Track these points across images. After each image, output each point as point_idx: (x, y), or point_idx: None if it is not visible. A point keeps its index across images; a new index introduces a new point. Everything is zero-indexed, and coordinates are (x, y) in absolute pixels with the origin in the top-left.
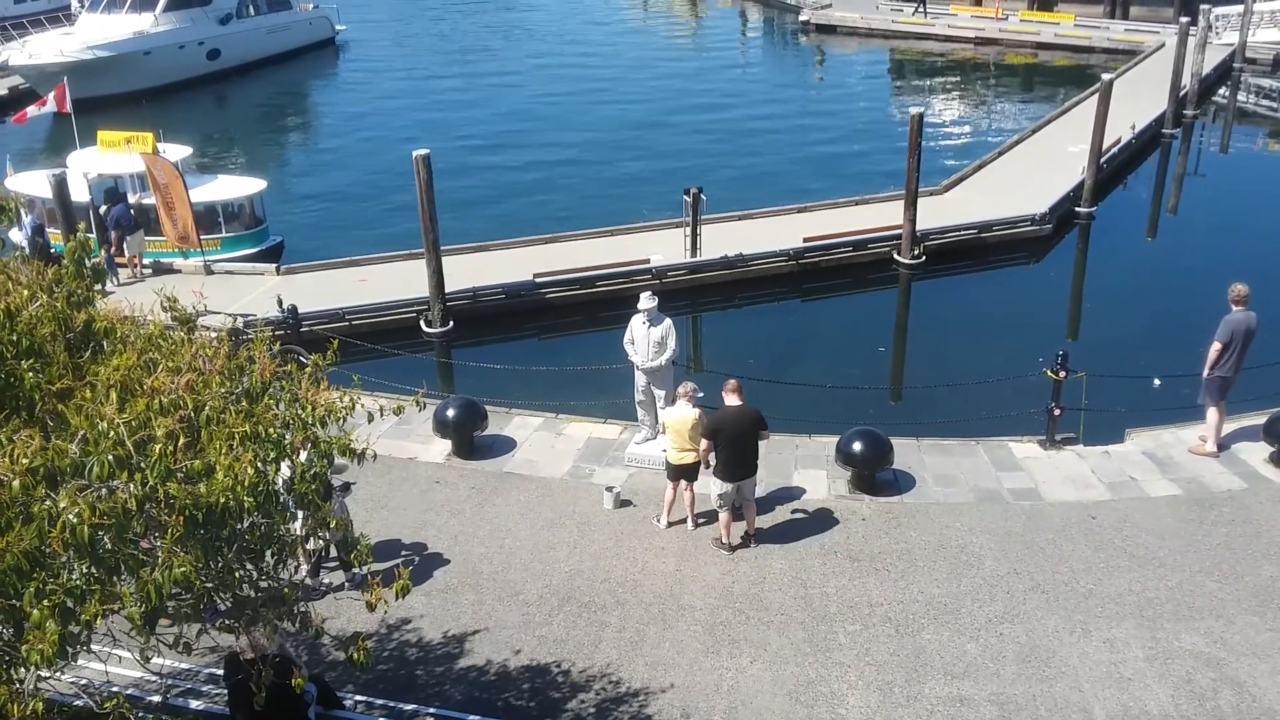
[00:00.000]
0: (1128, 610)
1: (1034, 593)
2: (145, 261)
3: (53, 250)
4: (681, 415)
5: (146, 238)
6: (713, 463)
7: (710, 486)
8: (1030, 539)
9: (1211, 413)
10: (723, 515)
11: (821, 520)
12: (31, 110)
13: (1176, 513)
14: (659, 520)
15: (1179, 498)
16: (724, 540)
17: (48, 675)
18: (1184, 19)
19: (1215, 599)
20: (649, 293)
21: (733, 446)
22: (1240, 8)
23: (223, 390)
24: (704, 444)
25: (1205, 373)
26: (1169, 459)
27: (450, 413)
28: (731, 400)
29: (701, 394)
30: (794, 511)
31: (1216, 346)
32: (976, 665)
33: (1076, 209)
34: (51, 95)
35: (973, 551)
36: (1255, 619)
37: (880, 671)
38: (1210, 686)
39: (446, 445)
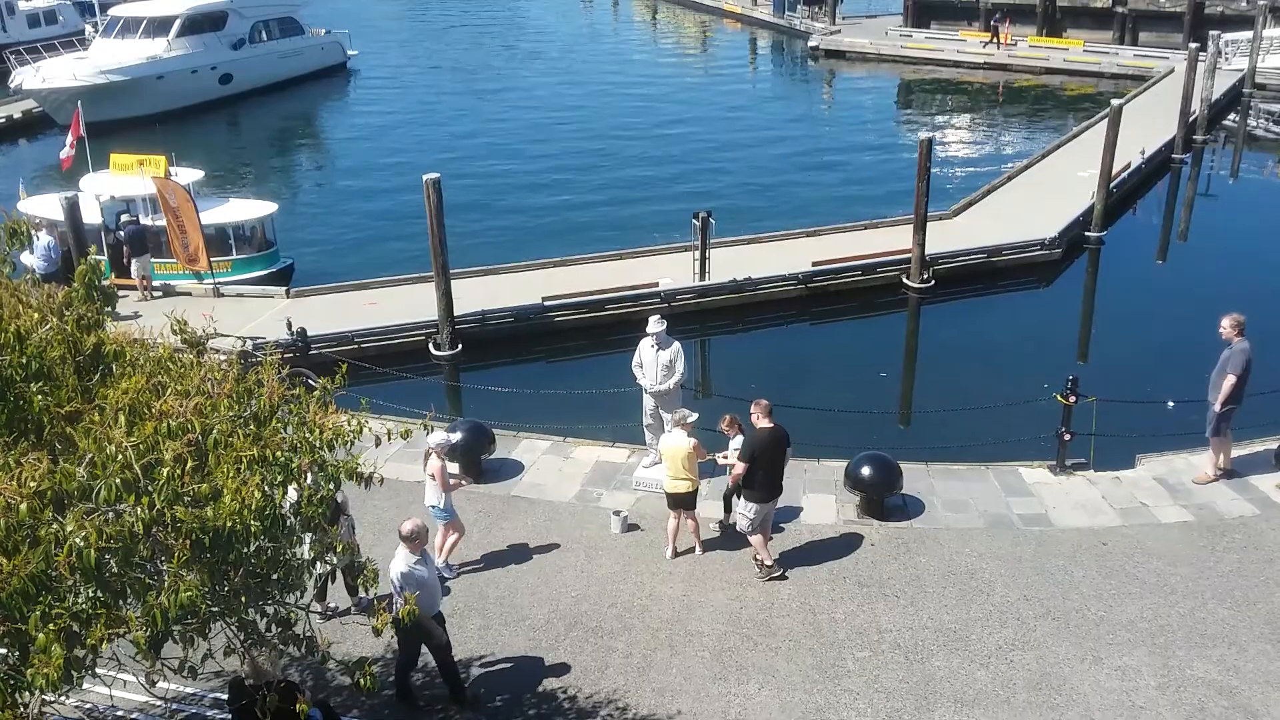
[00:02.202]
0: (1139, 637)
1: (1045, 619)
2: (155, 284)
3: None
4: (676, 443)
5: (158, 260)
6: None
7: (741, 511)
8: (1040, 565)
9: (1217, 441)
10: (755, 540)
11: (830, 545)
12: (65, 152)
13: (1188, 539)
14: (666, 553)
15: (1190, 524)
16: (766, 562)
17: (53, 699)
18: (1193, 45)
19: (1228, 626)
20: (657, 316)
21: (768, 468)
22: (1250, 33)
23: (231, 414)
24: (739, 467)
25: (1218, 406)
26: (1180, 485)
27: (458, 436)
28: (763, 423)
29: (695, 416)
30: (802, 536)
31: (1232, 379)
32: (987, 693)
33: (1086, 234)
34: (69, 138)
35: (983, 577)
36: (1268, 647)
37: (889, 699)
38: (1223, 715)
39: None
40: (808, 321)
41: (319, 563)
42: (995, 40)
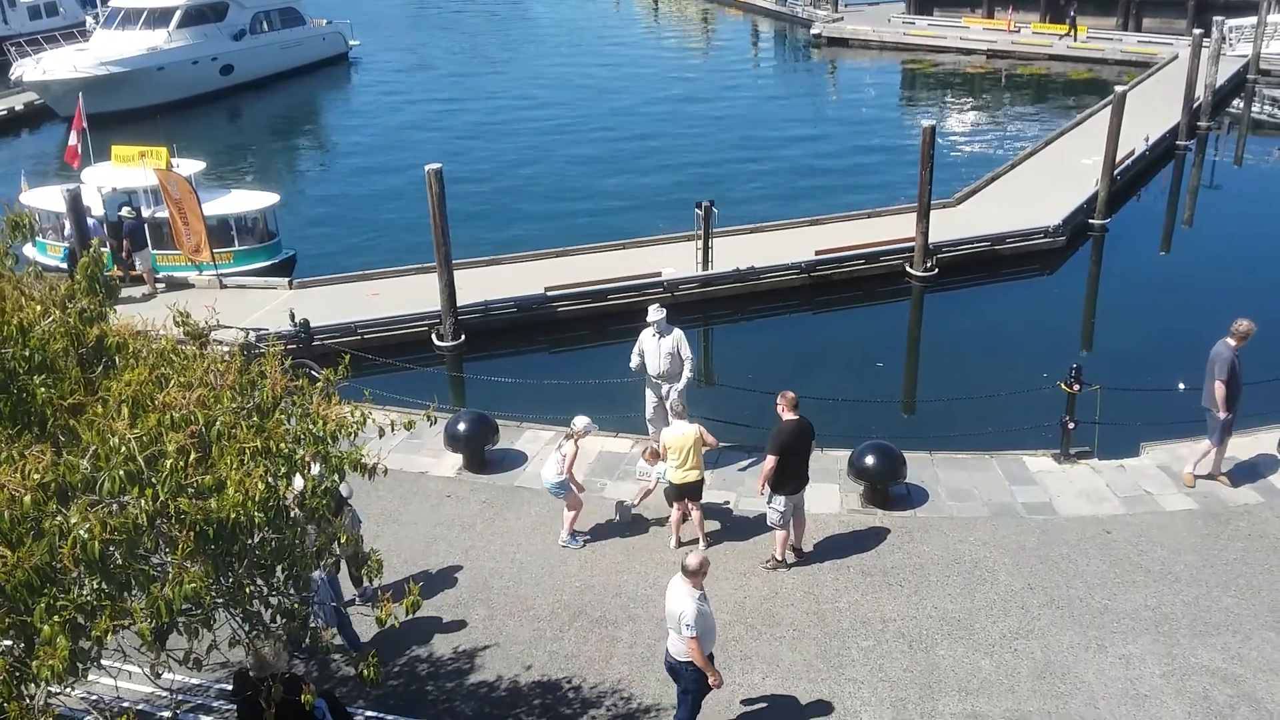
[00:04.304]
0: (1144, 626)
1: (1049, 608)
2: (158, 276)
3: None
4: (682, 432)
5: (160, 251)
6: (768, 490)
7: (771, 505)
8: (1045, 553)
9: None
10: (780, 534)
11: (834, 535)
12: (72, 139)
13: (1192, 527)
14: (670, 543)
15: (1195, 512)
16: (780, 558)
17: (58, 691)
18: (1197, 31)
19: (1232, 614)
20: (656, 305)
21: (794, 461)
22: (1254, 19)
23: (234, 405)
24: (770, 462)
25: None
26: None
27: (461, 426)
28: (789, 415)
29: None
30: (806, 526)
31: None
32: (991, 682)
33: (1090, 221)
34: (73, 133)
35: (987, 566)
36: (1273, 635)
37: (894, 688)
38: (1227, 703)
39: (458, 459)
40: (811, 311)
41: (323, 554)
42: (1072, 32)
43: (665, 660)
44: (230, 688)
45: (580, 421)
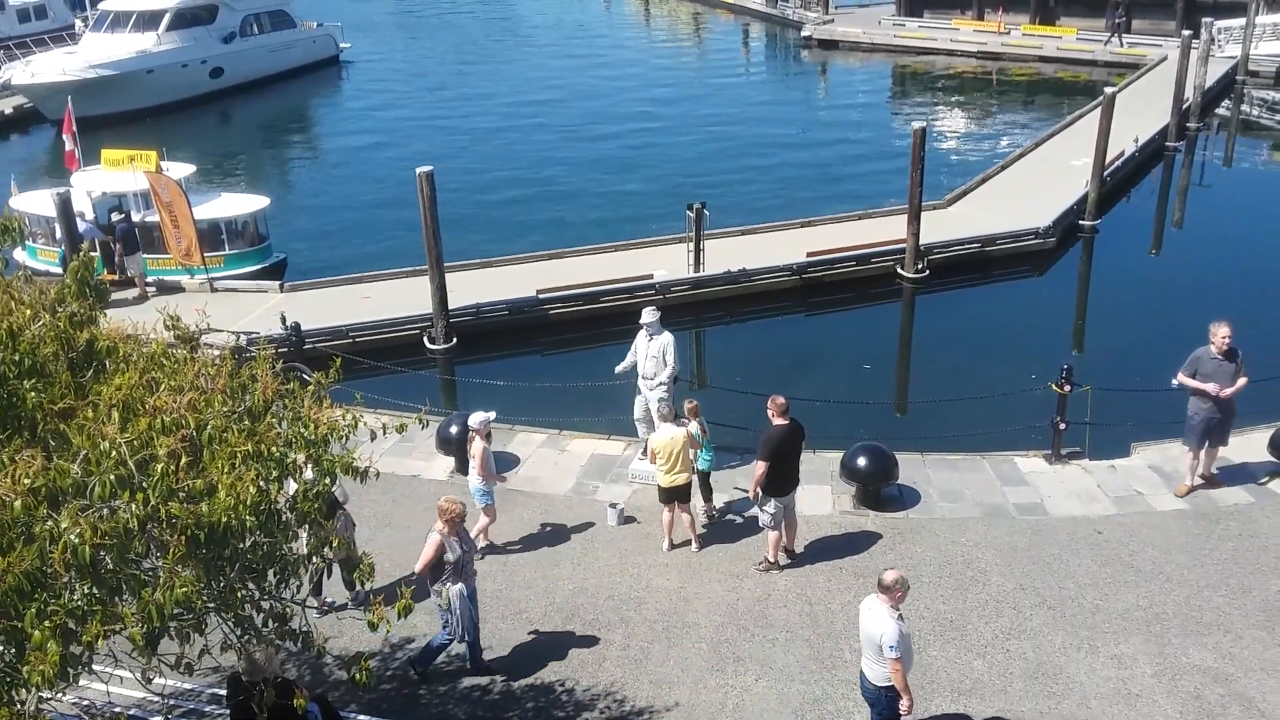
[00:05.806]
0: (1135, 626)
1: (1041, 608)
2: (149, 280)
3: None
4: (671, 436)
5: (150, 255)
6: (760, 493)
7: (763, 508)
8: (1036, 554)
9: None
10: (772, 535)
11: (826, 536)
12: (69, 144)
13: (1183, 527)
14: (663, 545)
15: (1185, 512)
16: (772, 559)
17: (49, 696)
18: (1186, 32)
19: (1223, 614)
20: (652, 308)
21: (786, 464)
22: (1242, 20)
23: (225, 409)
24: (760, 468)
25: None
26: (1175, 473)
27: (453, 430)
28: (779, 420)
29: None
30: (799, 527)
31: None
32: (983, 682)
33: (1080, 222)
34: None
35: (979, 567)
36: (1263, 634)
37: None
38: (1219, 702)
39: (449, 462)
40: (803, 312)
41: (315, 557)
42: (1117, 36)
43: (861, 686)
44: (224, 692)
45: (476, 418)
